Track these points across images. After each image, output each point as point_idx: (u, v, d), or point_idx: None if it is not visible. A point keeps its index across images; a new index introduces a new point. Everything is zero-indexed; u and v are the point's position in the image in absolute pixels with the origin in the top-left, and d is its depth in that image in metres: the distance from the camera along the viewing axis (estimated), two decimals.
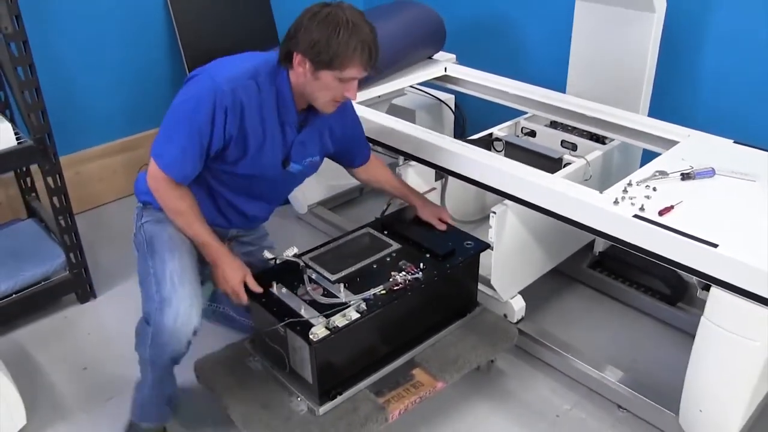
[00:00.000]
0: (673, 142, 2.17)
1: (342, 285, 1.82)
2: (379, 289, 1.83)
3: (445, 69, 2.88)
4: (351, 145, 2.10)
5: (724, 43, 2.56)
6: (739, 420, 1.77)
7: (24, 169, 2.87)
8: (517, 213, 2.13)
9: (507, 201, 2.09)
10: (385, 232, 2.11)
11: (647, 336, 2.39)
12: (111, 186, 3.31)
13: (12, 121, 2.52)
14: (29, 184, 2.91)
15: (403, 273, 1.90)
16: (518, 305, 2.27)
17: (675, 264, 1.69)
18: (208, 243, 1.85)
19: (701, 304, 1.71)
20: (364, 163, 2.17)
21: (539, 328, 2.31)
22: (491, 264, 2.16)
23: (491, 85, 2.73)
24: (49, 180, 2.38)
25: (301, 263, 1.90)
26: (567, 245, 2.49)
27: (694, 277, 1.68)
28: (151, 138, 3.32)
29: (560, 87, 2.67)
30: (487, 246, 2.08)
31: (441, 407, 2.09)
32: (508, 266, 2.21)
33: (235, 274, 1.82)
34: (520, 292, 2.31)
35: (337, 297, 1.80)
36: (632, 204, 1.79)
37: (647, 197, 1.82)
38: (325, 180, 3.00)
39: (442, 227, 2.14)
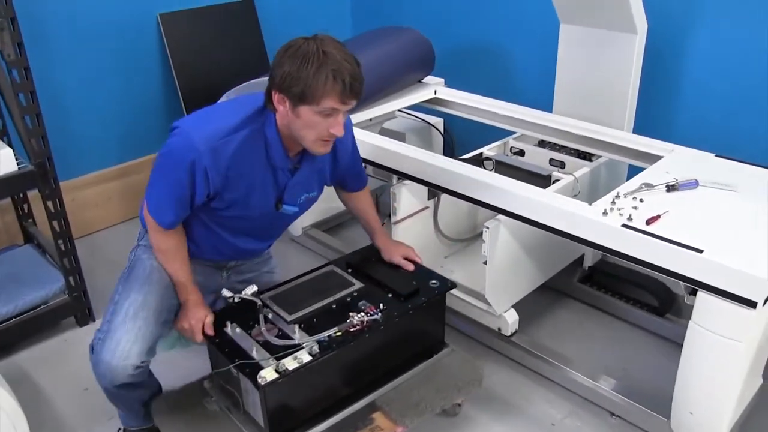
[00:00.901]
0: (658, 157, 2.25)
1: (297, 326, 1.77)
2: (333, 331, 1.77)
3: (435, 92, 2.96)
4: (347, 174, 2.07)
5: (704, 61, 2.65)
6: (728, 420, 1.83)
7: (21, 195, 2.90)
8: (510, 227, 2.18)
9: (500, 216, 2.15)
10: (350, 271, 2.06)
11: (637, 346, 2.44)
12: (106, 212, 3.34)
13: (10, 146, 2.56)
14: (26, 210, 2.94)
15: (362, 314, 1.84)
16: (512, 318, 2.32)
17: (663, 270, 1.75)
18: (182, 283, 1.89)
19: (688, 315, 1.77)
20: (356, 191, 2.16)
21: (533, 341, 2.36)
22: (485, 278, 2.22)
23: (480, 106, 2.81)
24: (49, 204, 2.42)
25: (259, 302, 1.83)
26: (558, 259, 2.55)
27: (682, 283, 1.75)
28: (146, 165, 3.41)
29: (547, 107, 2.74)
30: (453, 285, 2.02)
31: (437, 419, 2.13)
32: (502, 280, 2.26)
33: (195, 314, 1.84)
34: (514, 306, 2.36)
35: (291, 338, 1.75)
36: (620, 214, 1.86)
37: (635, 208, 1.89)
38: (320, 202, 3.04)
39: (410, 267, 2.07)
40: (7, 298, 2.45)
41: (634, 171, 2.28)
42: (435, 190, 2.42)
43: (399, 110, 2.96)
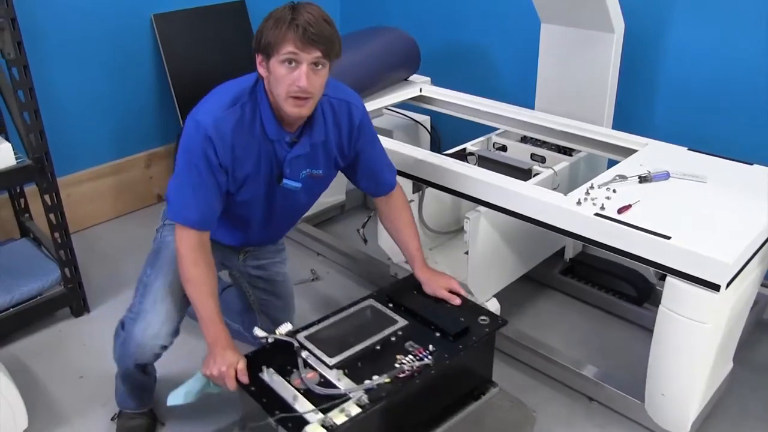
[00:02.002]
0: (634, 151, 2.33)
1: (341, 371, 1.64)
2: (383, 378, 1.61)
3: (420, 90, 3.04)
4: (365, 166, 2.01)
5: (679, 59, 2.73)
6: (699, 400, 1.91)
7: (18, 190, 2.97)
8: (490, 219, 2.26)
9: (480, 207, 2.23)
10: (390, 305, 1.92)
11: (616, 335, 2.53)
12: (101, 208, 3.41)
13: (9, 141, 2.62)
14: (23, 205, 3.01)
15: (410, 357, 1.69)
16: (494, 307, 2.38)
17: (633, 257, 1.83)
18: (211, 321, 1.76)
19: None
20: (385, 191, 2.07)
21: (515, 330, 2.43)
22: (468, 268, 2.30)
23: (464, 103, 2.88)
24: (46, 197, 2.49)
25: (296, 343, 1.71)
26: (539, 251, 2.63)
27: (652, 269, 1.83)
28: (140, 161, 3.48)
29: (529, 104, 2.82)
30: (504, 322, 1.88)
31: None
32: (483, 269, 2.33)
33: (226, 359, 1.68)
34: (496, 296, 2.44)
35: (336, 387, 1.60)
36: (594, 204, 1.94)
37: (607, 198, 1.97)
38: None
39: (456, 301, 1.94)
40: (3, 290, 2.51)
41: (612, 165, 2.34)
42: (420, 184, 2.50)
43: (386, 108, 3.03)
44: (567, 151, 2.69)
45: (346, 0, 4.02)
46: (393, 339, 1.78)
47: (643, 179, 2.06)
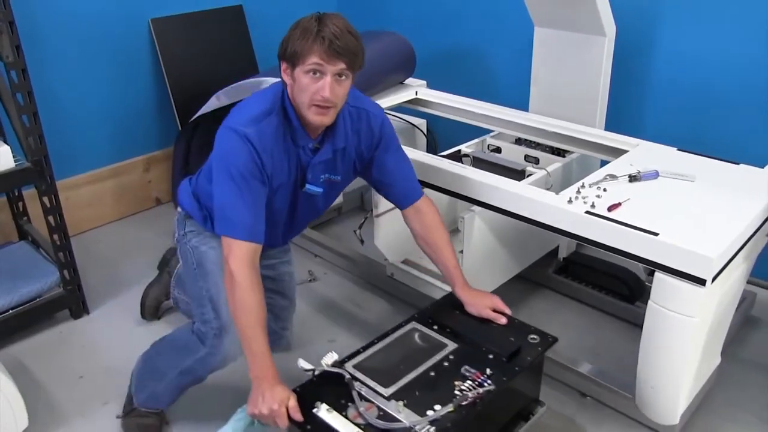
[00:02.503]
0: (625, 151, 2.37)
1: (400, 402, 1.57)
2: (447, 408, 1.55)
3: (416, 93, 3.08)
4: (387, 174, 2.01)
5: (669, 61, 2.79)
6: (687, 393, 1.95)
7: (17, 193, 3.00)
8: (484, 218, 2.30)
9: (474, 207, 2.27)
10: (435, 327, 1.87)
11: (609, 332, 2.56)
12: (99, 211, 3.43)
13: (8, 144, 2.65)
14: (21, 209, 3.04)
15: (469, 382, 1.64)
16: None
17: (623, 253, 1.87)
18: (260, 356, 1.67)
19: None
20: (410, 201, 2.03)
21: None
22: (462, 266, 2.32)
23: (459, 106, 2.92)
24: (45, 200, 2.52)
25: (346, 374, 1.64)
26: (533, 250, 2.67)
27: (641, 265, 1.87)
28: (139, 164, 3.51)
29: (523, 106, 2.86)
30: (555, 340, 1.86)
31: None
32: (478, 268, 2.37)
33: (275, 396, 1.60)
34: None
35: (398, 419, 1.53)
36: (584, 202, 1.98)
37: (598, 196, 2.01)
38: None
39: (502, 321, 1.91)
40: (3, 292, 2.53)
41: (605, 165, 2.39)
42: None
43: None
44: (560, 153, 2.73)
45: (343, 4, 4.08)
46: (446, 364, 1.72)
47: (632, 178, 2.10)
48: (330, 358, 1.67)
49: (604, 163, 2.48)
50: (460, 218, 2.25)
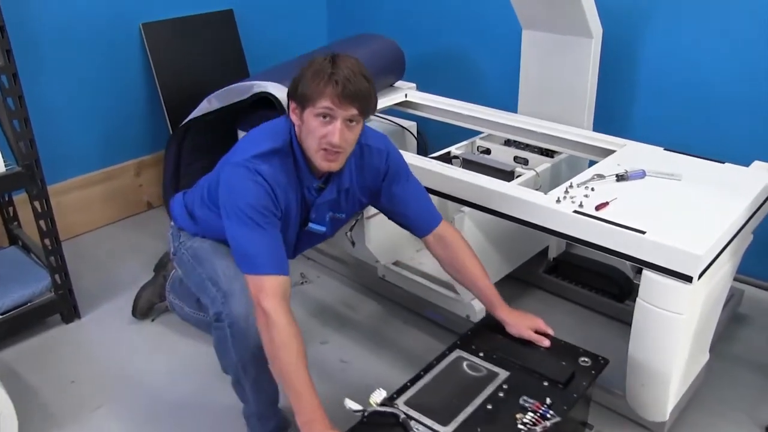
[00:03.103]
0: (612, 151, 2.39)
1: None
2: None
3: (406, 95, 3.10)
4: (402, 206, 2.00)
5: (655, 62, 2.82)
6: (676, 390, 1.98)
7: (7, 198, 2.99)
8: (474, 219, 2.32)
9: (464, 208, 2.29)
10: (481, 354, 1.80)
11: (599, 330, 2.58)
12: (90, 216, 3.43)
13: None
14: (11, 214, 3.03)
15: (531, 414, 1.57)
16: (479, 306, 2.43)
17: (611, 251, 1.89)
18: (309, 395, 1.57)
19: None
20: (429, 229, 2.01)
21: None
22: None
23: (448, 108, 2.94)
24: (36, 204, 2.51)
25: (400, 414, 1.55)
26: (523, 251, 2.69)
27: (628, 263, 1.89)
28: (130, 169, 3.51)
29: (512, 108, 2.88)
30: (606, 362, 1.80)
31: None
32: None
33: None
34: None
35: None
36: (573, 202, 2.00)
37: (586, 196, 2.03)
38: None
39: (545, 343, 1.86)
40: None
41: (593, 165, 2.42)
42: None
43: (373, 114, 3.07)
44: (549, 153, 2.75)
45: (333, 8, 4.09)
46: (501, 394, 1.65)
47: (620, 178, 2.12)
48: (378, 396, 1.58)
49: (592, 163, 2.50)
50: (451, 219, 2.27)
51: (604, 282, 2.65)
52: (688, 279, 1.73)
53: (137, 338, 2.61)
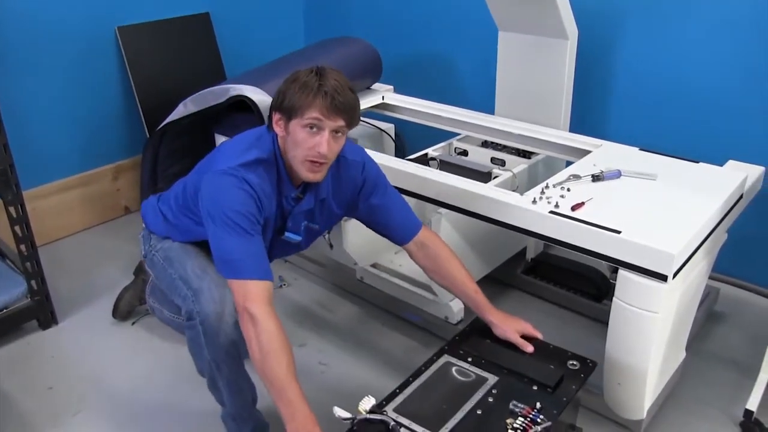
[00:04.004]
0: (589, 152, 2.41)
1: None
2: None
3: (383, 97, 3.10)
4: (382, 216, 2.01)
5: (630, 63, 2.85)
6: (653, 388, 1.99)
7: None
8: (451, 220, 2.33)
9: (441, 209, 2.30)
10: (469, 360, 1.80)
11: (578, 330, 2.60)
12: (68, 221, 3.40)
13: None
14: None
15: (521, 419, 1.55)
16: (457, 307, 2.45)
17: (586, 251, 1.90)
18: (298, 401, 1.55)
19: None
20: (409, 237, 2.00)
21: None
22: None
23: (425, 110, 2.95)
24: (12, 210, 2.49)
25: (390, 421, 1.53)
26: (501, 251, 2.70)
27: (604, 263, 1.91)
28: (107, 173, 3.48)
29: (489, 109, 2.89)
30: (594, 364, 1.81)
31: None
32: None
33: None
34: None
35: None
36: (548, 202, 2.01)
37: (562, 196, 2.04)
38: None
39: (529, 348, 1.85)
40: None
41: (569, 166, 2.44)
42: None
43: None
44: (526, 154, 2.77)
45: (310, 11, 4.09)
46: (491, 400, 1.64)
47: (596, 178, 2.14)
48: (367, 403, 1.56)
49: (569, 163, 2.51)
50: (428, 221, 2.27)
51: (581, 282, 2.68)
52: (663, 278, 1.75)
53: (116, 343, 2.59)
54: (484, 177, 2.55)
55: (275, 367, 1.56)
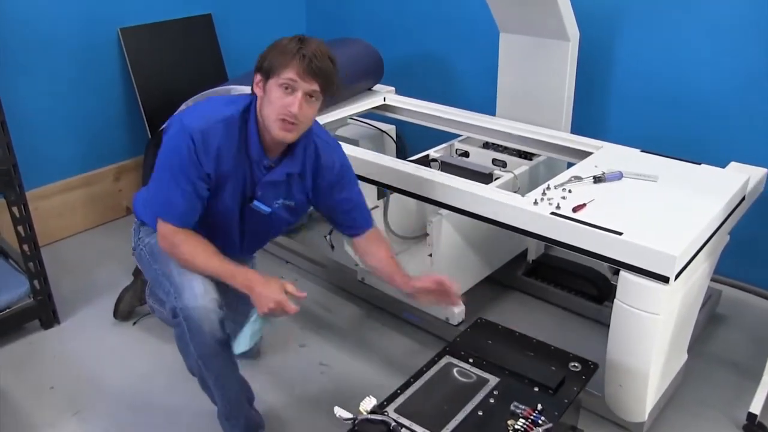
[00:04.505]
0: (590, 153, 2.41)
1: None
2: None
3: (384, 99, 3.10)
4: (343, 207, 2.03)
5: (631, 65, 2.85)
6: (654, 390, 1.99)
7: None
8: (452, 221, 2.33)
9: (442, 210, 2.29)
10: (470, 361, 1.80)
11: (579, 332, 2.59)
12: (70, 221, 3.41)
13: None
14: None
15: (522, 420, 1.55)
16: (458, 309, 2.45)
17: (588, 253, 1.90)
18: (233, 272, 1.79)
19: None
20: (360, 232, 2.06)
21: None
22: (431, 270, 2.35)
23: (427, 111, 2.96)
24: (15, 210, 2.50)
25: (391, 421, 1.54)
26: (502, 253, 2.70)
27: (606, 264, 1.91)
28: (109, 174, 3.49)
29: (490, 111, 2.89)
30: (596, 366, 1.80)
31: None
32: (447, 271, 2.36)
33: (271, 289, 1.73)
34: (460, 297, 2.48)
35: None
36: (550, 204, 2.01)
37: (563, 198, 2.04)
38: None
39: (456, 287, 1.88)
40: None
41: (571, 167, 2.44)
42: (384, 190, 2.56)
43: (351, 117, 3.09)
44: (527, 156, 2.77)
45: (312, 12, 4.10)
46: (492, 401, 1.64)
47: (597, 179, 2.14)
48: (368, 404, 1.57)
49: (570, 165, 2.51)
50: (429, 222, 2.27)
51: (583, 284, 2.67)
52: (664, 280, 1.75)
53: (117, 343, 2.60)
54: (486, 178, 2.55)
55: (202, 260, 1.81)
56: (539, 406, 1.60)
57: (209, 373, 1.89)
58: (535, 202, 2.03)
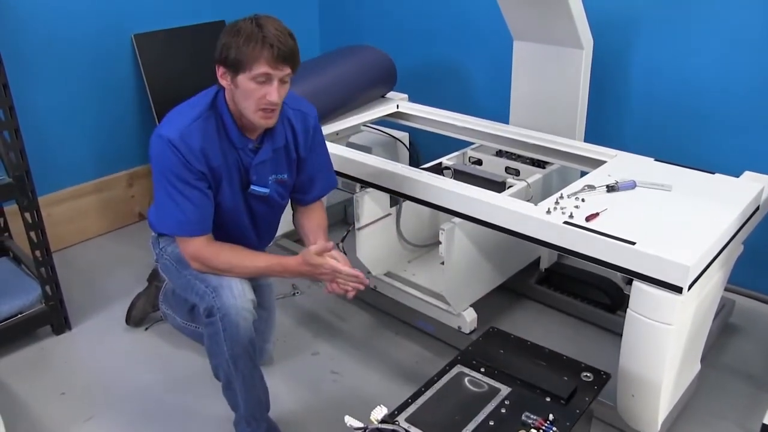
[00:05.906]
0: (604, 162, 2.40)
1: None
2: None
3: (397, 106, 3.11)
4: (309, 169, 2.09)
5: (645, 73, 2.83)
6: (667, 400, 1.97)
7: None
8: (465, 230, 2.32)
9: (455, 219, 2.29)
10: (482, 370, 1.78)
11: (591, 341, 2.58)
12: (82, 227, 3.42)
13: None
14: (2, 225, 3.02)
15: (534, 431, 1.55)
16: (470, 317, 2.44)
17: (601, 262, 1.89)
18: (278, 264, 1.91)
19: None
20: (311, 201, 2.15)
21: None
22: (444, 278, 2.35)
23: (440, 119, 2.96)
24: (27, 215, 2.51)
25: (402, 431, 1.54)
26: (514, 261, 2.69)
27: (619, 274, 1.89)
28: (122, 180, 3.50)
29: (504, 119, 2.89)
30: (608, 376, 1.78)
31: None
32: (459, 280, 2.39)
33: (319, 268, 1.85)
34: (473, 306, 2.49)
35: None
36: (563, 213, 2.00)
37: (576, 207, 2.03)
38: (288, 213, 3.16)
39: (330, 245, 1.92)
40: None
41: (584, 176, 2.43)
42: (397, 198, 2.55)
43: (364, 124, 3.09)
44: (540, 164, 2.76)
45: (325, 19, 4.10)
46: (503, 411, 1.62)
47: (610, 189, 2.13)
48: (379, 413, 1.56)
49: (583, 174, 2.50)
50: (441, 230, 2.27)
51: (595, 293, 2.66)
52: (678, 290, 1.74)
53: (128, 349, 2.60)
54: (499, 187, 2.54)
55: (243, 263, 1.88)
56: (551, 416, 1.59)
57: (238, 374, 1.92)
58: (548, 211, 2.02)
